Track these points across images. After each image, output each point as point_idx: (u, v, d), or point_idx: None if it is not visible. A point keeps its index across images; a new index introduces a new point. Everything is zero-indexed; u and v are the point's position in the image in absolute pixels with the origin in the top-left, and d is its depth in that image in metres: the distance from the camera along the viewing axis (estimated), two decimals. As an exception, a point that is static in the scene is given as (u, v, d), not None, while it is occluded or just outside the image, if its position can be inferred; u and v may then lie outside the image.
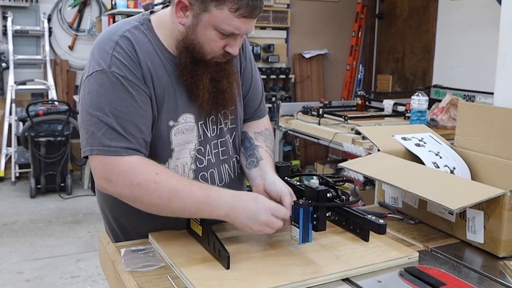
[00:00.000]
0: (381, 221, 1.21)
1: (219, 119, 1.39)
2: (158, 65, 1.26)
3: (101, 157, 1.18)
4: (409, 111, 3.27)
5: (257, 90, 1.51)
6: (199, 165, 1.36)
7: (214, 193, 1.19)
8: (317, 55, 5.52)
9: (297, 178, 1.58)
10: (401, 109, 3.56)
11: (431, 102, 3.40)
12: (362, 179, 3.37)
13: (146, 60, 1.24)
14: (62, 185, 4.67)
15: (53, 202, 4.48)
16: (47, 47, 5.12)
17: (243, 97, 1.47)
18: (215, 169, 1.39)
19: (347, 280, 1.11)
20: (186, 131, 1.32)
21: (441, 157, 1.54)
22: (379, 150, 1.54)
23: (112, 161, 1.18)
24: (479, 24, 4.30)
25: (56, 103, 4.83)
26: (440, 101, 3.41)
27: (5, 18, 5.04)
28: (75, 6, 5.37)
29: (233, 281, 1.06)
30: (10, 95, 4.95)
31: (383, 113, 3.63)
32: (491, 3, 4.01)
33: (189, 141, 1.33)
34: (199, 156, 1.36)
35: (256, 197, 1.21)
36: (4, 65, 5.03)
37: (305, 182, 1.33)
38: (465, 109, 1.69)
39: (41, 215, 4.16)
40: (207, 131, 1.36)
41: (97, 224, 3.94)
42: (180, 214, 1.21)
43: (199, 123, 1.34)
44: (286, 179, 1.37)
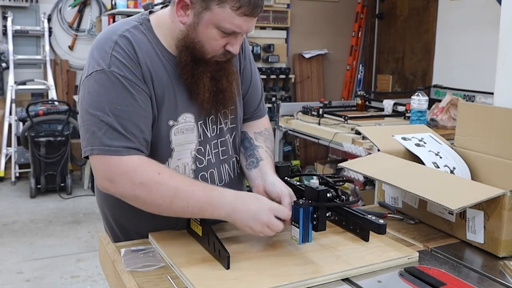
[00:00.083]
0: (381, 221, 1.21)
1: (219, 119, 1.39)
2: (157, 65, 1.26)
3: (102, 157, 1.18)
4: (409, 111, 3.27)
5: (256, 89, 1.51)
6: (199, 165, 1.36)
7: (216, 193, 1.19)
8: (317, 55, 5.52)
9: (297, 178, 1.58)
10: (401, 109, 3.56)
11: (431, 102, 3.40)
12: (362, 179, 3.37)
13: (145, 59, 1.24)
14: (62, 185, 4.67)
15: (53, 202, 4.48)
16: (47, 47, 5.12)
17: (243, 97, 1.47)
18: (215, 169, 1.39)
19: (347, 280, 1.11)
20: (186, 131, 1.32)
21: (441, 157, 1.54)
22: (379, 150, 1.54)
23: (113, 160, 1.17)
24: (479, 24, 4.30)
25: (56, 103, 4.83)
26: (440, 101, 3.41)
27: (5, 18, 5.04)
28: (75, 6, 5.37)
29: (233, 281, 1.06)
30: (10, 95, 4.95)
31: (383, 113, 3.63)
32: (491, 3, 4.01)
33: (189, 141, 1.33)
34: (199, 156, 1.36)
35: (257, 197, 1.21)
36: (4, 65, 5.02)
37: (305, 182, 1.33)
38: (465, 109, 1.69)
39: (41, 215, 4.15)
40: (207, 131, 1.36)
41: (97, 224, 3.94)
42: (181, 214, 1.21)
43: (199, 122, 1.34)
44: (286, 179, 1.37)
